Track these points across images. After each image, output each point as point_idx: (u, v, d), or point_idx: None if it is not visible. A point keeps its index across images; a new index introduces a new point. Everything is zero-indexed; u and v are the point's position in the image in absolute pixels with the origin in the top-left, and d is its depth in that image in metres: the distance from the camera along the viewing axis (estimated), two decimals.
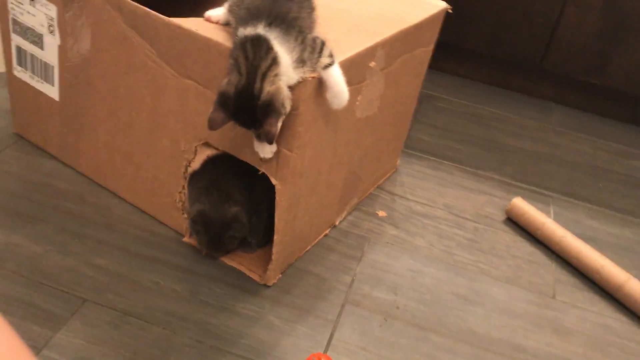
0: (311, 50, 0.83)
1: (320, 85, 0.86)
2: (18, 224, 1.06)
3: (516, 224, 1.31)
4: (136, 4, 0.95)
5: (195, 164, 1.05)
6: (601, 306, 1.15)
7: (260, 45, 0.80)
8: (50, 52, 1.10)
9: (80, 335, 0.89)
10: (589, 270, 1.19)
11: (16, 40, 1.15)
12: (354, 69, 0.94)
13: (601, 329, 1.09)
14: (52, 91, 1.14)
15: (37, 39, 1.11)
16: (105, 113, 1.08)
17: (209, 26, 0.92)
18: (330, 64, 0.84)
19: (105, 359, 0.87)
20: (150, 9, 0.94)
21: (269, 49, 0.80)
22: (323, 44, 0.84)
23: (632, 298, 1.13)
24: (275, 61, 0.80)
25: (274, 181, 0.92)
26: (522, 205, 1.30)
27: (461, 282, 1.13)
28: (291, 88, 0.82)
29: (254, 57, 0.80)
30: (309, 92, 0.84)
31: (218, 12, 0.93)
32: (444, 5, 1.20)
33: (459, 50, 1.91)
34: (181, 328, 0.94)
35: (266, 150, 0.88)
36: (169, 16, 0.93)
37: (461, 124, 1.69)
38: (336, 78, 0.85)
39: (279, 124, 0.81)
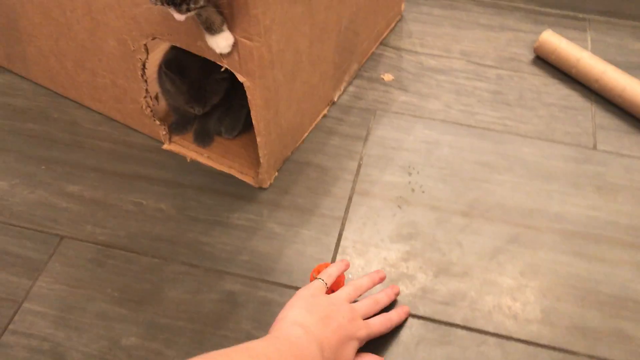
0: None
1: None
2: None
3: (547, 62, 1.12)
4: None
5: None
6: None
7: None
8: None
9: (62, 280, 0.81)
10: (637, 108, 1.01)
11: None
12: None
13: None
14: None
15: None
16: (40, 16, 0.91)
17: None
18: None
19: (93, 302, 0.79)
20: None
21: None
22: None
23: None
24: None
25: (240, 78, 0.75)
26: (553, 40, 1.10)
27: (485, 147, 0.98)
28: None
29: None
30: None
31: None
32: None
33: None
34: (171, 253, 0.84)
35: (220, 44, 0.71)
36: None
37: None
38: None
39: None
